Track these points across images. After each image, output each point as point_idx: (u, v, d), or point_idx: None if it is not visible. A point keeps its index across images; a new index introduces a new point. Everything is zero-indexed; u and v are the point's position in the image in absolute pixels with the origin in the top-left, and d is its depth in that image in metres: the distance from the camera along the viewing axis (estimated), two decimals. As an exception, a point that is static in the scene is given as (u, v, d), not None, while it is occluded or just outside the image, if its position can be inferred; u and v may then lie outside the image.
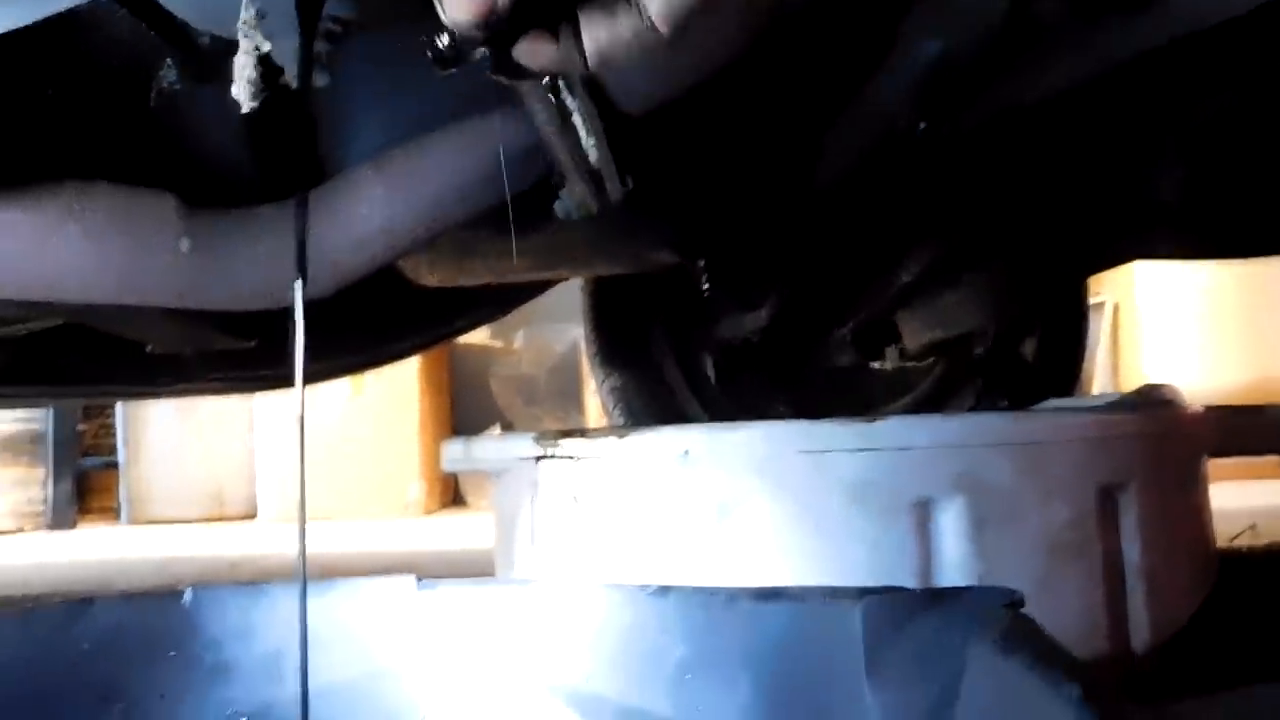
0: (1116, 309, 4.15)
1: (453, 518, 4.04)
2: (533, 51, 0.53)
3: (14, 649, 0.64)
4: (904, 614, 0.59)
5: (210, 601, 0.68)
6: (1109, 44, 0.82)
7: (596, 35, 0.50)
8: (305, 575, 0.59)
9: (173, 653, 0.66)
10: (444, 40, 0.53)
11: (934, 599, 0.59)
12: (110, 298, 0.74)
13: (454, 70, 0.55)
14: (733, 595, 0.65)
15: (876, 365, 1.87)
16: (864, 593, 0.61)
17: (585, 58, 0.51)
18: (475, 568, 2.23)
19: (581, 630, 0.68)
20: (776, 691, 0.61)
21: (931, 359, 1.89)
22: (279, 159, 0.83)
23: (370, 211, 0.78)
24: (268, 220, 0.79)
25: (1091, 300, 2.15)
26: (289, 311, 0.86)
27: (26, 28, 0.68)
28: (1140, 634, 0.98)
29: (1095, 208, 1.30)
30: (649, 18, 0.49)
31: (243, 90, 0.55)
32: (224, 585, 0.69)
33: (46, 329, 1.20)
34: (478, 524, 3.43)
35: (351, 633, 0.69)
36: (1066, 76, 0.88)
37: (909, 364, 1.88)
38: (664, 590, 0.67)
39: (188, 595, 0.68)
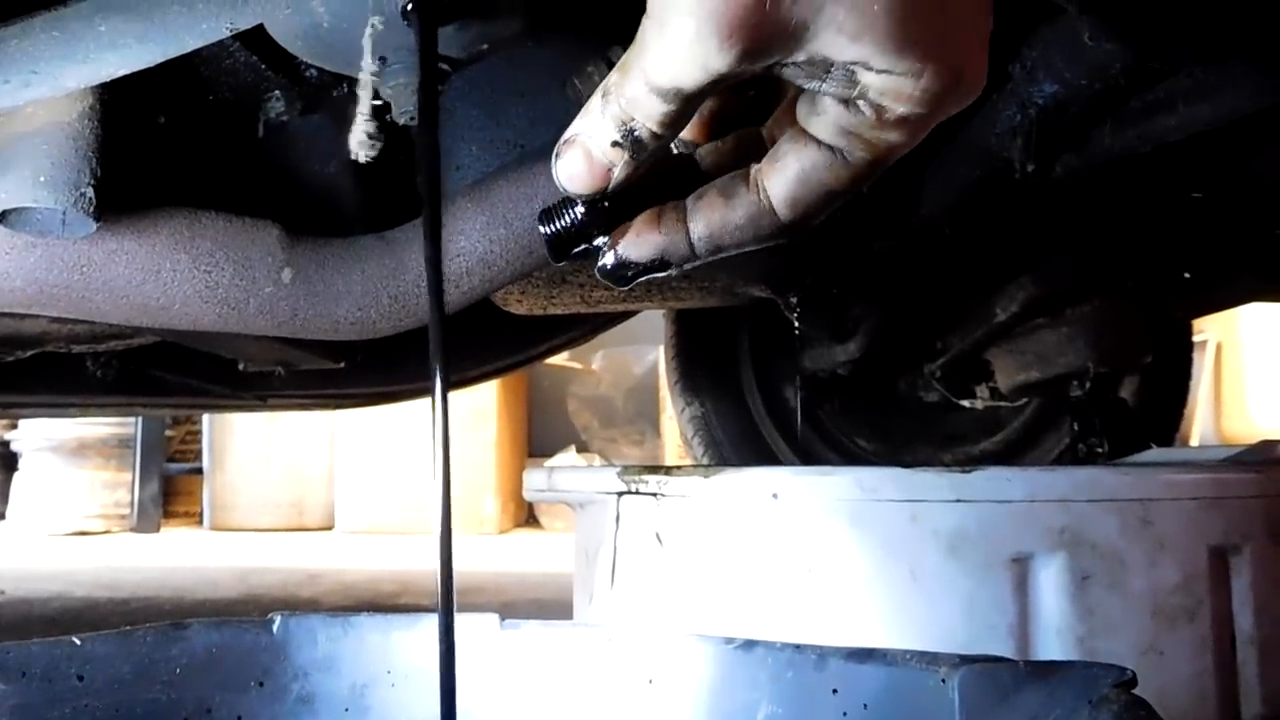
0: (1220, 348, 3.99)
1: (527, 536, 4.06)
2: (636, 244, 0.48)
3: (112, 667, 0.64)
4: (1006, 687, 0.56)
5: (299, 630, 0.68)
6: (1240, 90, 0.78)
7: (709, 218, 0.46)
8: (452, 607, 0.58)
9: (261, 681, 0.66)
10: (561, 224, 0.49)
11: (1038, 673, 0.56)
12: (214, 325, 0.75)
13: (566, 262, 0.51)
14: (823, 654, 0.63)
15: (966, 403, 1.82)
16: (963, 660, 0.58)
17: (693, 245, 0.47)
18: (553, 591, 2.23)
19: (664, 681, 0.67)
20: (865, 759, 0.58)
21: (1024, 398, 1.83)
22: (381, 190, 0.84)
23: (469, 244, 0.78)
24: (367, 250, 0.79)
25: (1194, 338, 2.07)
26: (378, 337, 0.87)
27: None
28: (1252, 706, 0.92)
29: (1215, 245, 1.24)
30: (768, 199, 0.45)
31: (360, 143, 0.54)
32: (312, 615, 0.69)
33: (144, 344, 1.24)
34: (553, 544, 3.44)
35: (433, 670, 0.69)
36: (1190, 122, 0.84)
37: (1000, 403, 1.83)
38: (750, 644, 0.65)
39: (278, 623, 0.68)
